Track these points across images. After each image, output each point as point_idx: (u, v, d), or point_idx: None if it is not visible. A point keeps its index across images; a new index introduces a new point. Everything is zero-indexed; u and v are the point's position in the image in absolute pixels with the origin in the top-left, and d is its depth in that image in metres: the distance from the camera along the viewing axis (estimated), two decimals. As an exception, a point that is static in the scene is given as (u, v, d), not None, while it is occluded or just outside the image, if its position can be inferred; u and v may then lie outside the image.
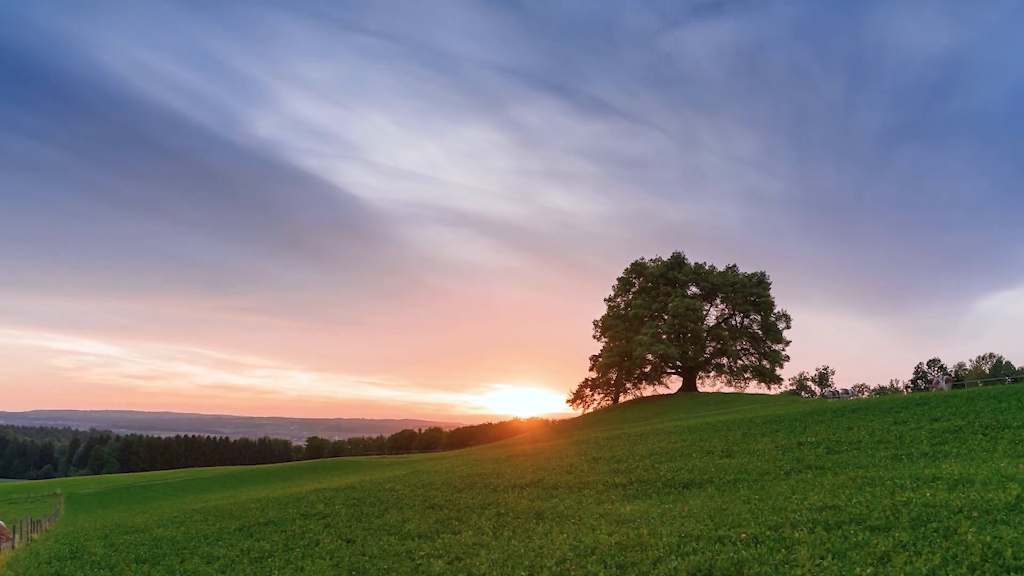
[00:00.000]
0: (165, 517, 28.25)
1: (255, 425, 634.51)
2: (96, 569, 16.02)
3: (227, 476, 73.94)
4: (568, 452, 29.41)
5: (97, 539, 22.84)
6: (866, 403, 32.04)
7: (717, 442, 24.83)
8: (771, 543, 9.23)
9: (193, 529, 21.58)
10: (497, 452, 44.86)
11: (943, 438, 18.78)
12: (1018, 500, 9.67)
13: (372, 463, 69.85)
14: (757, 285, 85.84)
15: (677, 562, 8.89)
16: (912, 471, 14.20)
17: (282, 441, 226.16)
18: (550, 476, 21.51)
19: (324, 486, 33.95)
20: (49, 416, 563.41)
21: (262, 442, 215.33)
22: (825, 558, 8.09)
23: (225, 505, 30.11)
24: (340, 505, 21.80)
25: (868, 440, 20.31)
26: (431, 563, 11.62)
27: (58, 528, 32.65)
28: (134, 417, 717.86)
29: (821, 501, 11.83)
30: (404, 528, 15.97)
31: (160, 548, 18.24)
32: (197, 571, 14.04)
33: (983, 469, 13.08)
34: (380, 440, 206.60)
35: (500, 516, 15.90)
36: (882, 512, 10.13)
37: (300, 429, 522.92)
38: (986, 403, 24.08)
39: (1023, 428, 18.34)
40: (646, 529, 11.40)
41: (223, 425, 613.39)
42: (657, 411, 66.12)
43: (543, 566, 9.90)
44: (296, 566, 13.27)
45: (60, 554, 19.83)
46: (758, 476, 17.13)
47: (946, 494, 10.85)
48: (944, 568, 7.00)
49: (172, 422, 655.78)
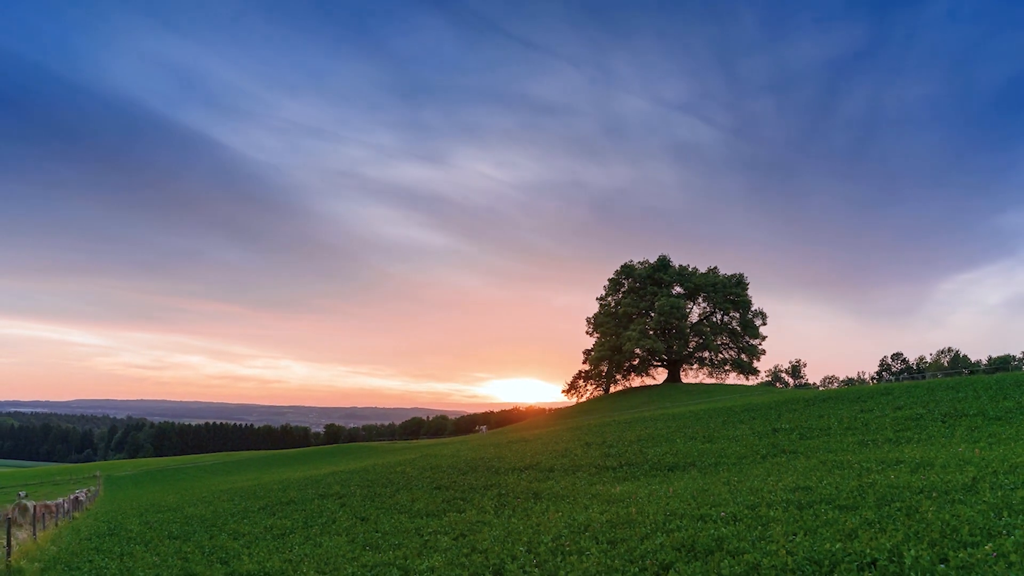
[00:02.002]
0: (195, 497, 28.25)
1: (277, 413, 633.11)
2: (132, 544, 16.02)
3: (252, 460, 73.92)
4: (563, 438, 29.39)
5: (133, 517, 22.85)
6: (835, 393, 32.03)
7: (699, 429, 24.82)
8: (748, 521, 9.23)
9: (221, 508, 21.59)
10: (498, 438, 44.83)
11: (905, 425, 18.80)
12: (974, 481, 9.67)
13: (384, 448, 69.80)
14: (736, 285, 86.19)
15: (663, 538, 8.89)
16: (877, 455, 14.21)
17: (302, 428, 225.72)
18: (547, 460, 21.51)
19: (340, 469, 33.94)
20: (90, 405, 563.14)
21: (284, 429, 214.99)
22: (798, 535, 8.09)
23: (250, 486, 30.11)
24: (355, 486, 21.80)
25: (837, 427, 20.32)
26: (438, 539, 11.63)
27: (98, 507, 32.65)
28: (167, 406, 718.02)
29: (794, 482, 11.83)
30: (413, 507, 15.97)
31: (191, 525, 18.25)
32: (225, 546, 14.05)
33: (942, 453, 13.08)
34: (391, 427, 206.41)
35: (501, 496, 15.90)
36: (850, 492, 10.13)
37: (318, 417, 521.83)
38: (945, 393, 24.08)
39: (978, 416, 18.35)
40: (634, 508, 11.40)
41: (248, 413, 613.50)
42: (644, 400, 66.08)
43: (540, 542, 9.90)
44: (315, 542, 13.28)
45: (99, 531, 19.84)
46: (737, 460, 17.14)
47: (908, 476, 10.86)
48: (906, 544, 6.99)
49: (200, 410, 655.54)
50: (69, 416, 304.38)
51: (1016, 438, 14.24)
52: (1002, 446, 13.27)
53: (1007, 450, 12.51)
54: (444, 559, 9.86)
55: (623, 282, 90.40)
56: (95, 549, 16.03)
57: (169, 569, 12.33)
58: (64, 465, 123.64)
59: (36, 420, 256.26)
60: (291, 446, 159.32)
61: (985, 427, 16.59)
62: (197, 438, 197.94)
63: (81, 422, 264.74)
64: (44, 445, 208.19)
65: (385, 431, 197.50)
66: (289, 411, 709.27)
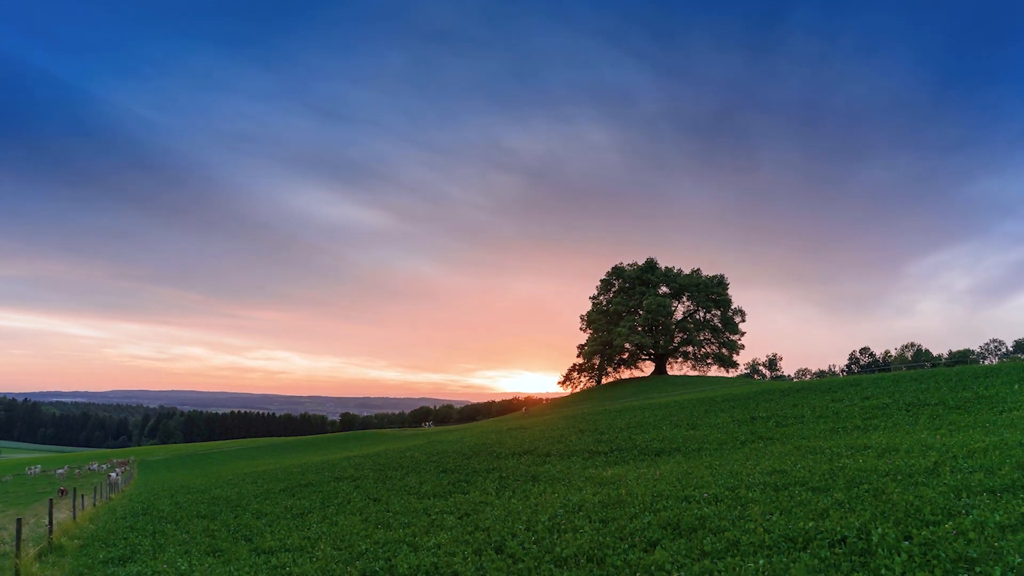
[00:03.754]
0: (221, 480, 28.24)
1: (297, 403, 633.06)
2: (164, 523, 16.02)
3: (273, 445, 73.89)
4: (558, 425, 29.38)
5: (165, 498, 22.84)
6: (808, 384, 32.02)
7: (683, 417, 24.81)
8: (729, 501, 9.24)
9: (245, 490, 21.57)
10: (499, 425, 44.83)
11: (873, 414, 18.77)
12: (936, 465, 9.67)
13: (394, 435, 69.78)
14: (717, 286, 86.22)
15: (651, 517, 8.89)
16: (847, 441, 14.20)
17: (319, 416, 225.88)
18: (544, 445, 21.50)
19: (354, 454, 33.94)
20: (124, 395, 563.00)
21: (303, 417, 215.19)
22: (774, 514, 8.09)
23: (271, 470, 30.10)
24: (368, 470, 21.79)
25: (810, 415, 20.31)
26: (444, 518, 11.62)
27: (132, 489, 32.64)
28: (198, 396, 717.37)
29: (771, 466, 11.83)
30: (421, 489, 15.96)
31: (217, 505, 18.24)
32: (248, 525, 14.04)
33: (906, 439, 13.08)
34: (401, 415, 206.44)
35: (502, 479, 15.90)
36: (822, 475, 10.13)
37: (335, 406, 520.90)
38: (908, 384, 24.07)
39: (940, 405, 18.34)
40: (624, 490, 11.40)
41: (270, 403, 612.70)
42: (633, 391, 66.06)
43: (538, 520, 9.90)
44: (331, 520, 13.27)
45: (134, 511, 19.83)
46: (718, 445, 17.13)
47: (875, 460, 10.86)
48: (873, 522, 7.00)
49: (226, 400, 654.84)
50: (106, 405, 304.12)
51: (974, 426, 14.23)
52: (961, 433, 13.26)
53: (966, 437, 12.51)
54: (450, 536, 9.85)
55: (614, 283, 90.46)
56: (129, 527, 16.02)
57: (197, 545, 12.33)
58: (101, 450, 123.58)
59: (76, 409, 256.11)
60: (309, 433, 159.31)
61: (946, 416, 16.58)
62: (223, 425, 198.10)
63: (117, 411, 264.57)
64: (83, 432, 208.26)
65: (395, 419, 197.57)
66: (307, 400, 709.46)
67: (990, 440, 11.52)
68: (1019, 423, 13.48)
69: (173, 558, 11.35)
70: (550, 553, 7.93)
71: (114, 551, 12.81)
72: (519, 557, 8.01)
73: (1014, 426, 13.18)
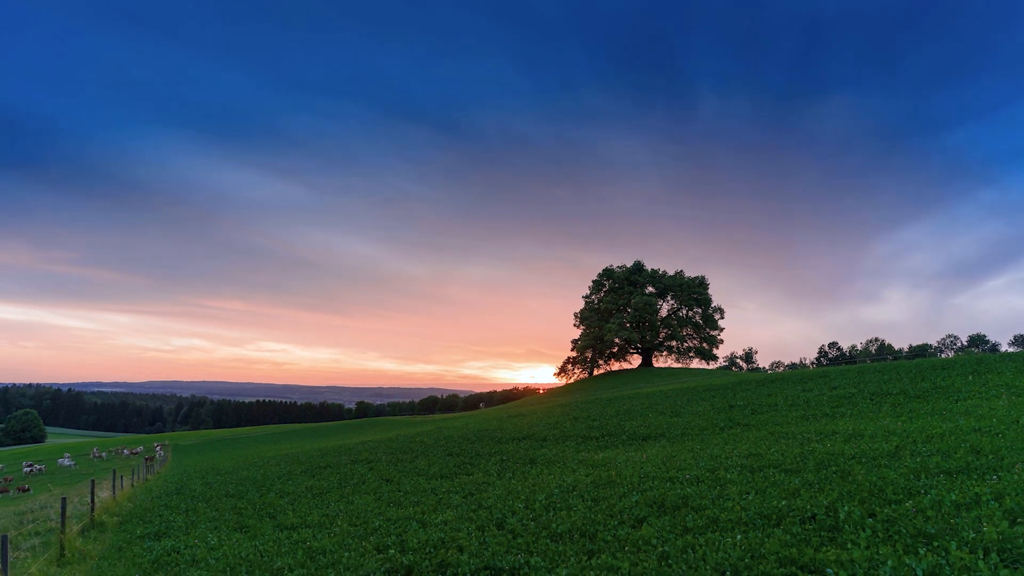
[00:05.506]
0: (248, 462, 28.23)
1: (316, 392, 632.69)
2: (195, 501, 16.01)
3: (295, 431, 73.88)
4: (554, 413, 29.38)
5: (196, 479, 22.83)
6: (781, 375, 32.00)
7: (668, 405, 24.80)
8: (709, 482, 9.24)
9: (269, 471, 21.57)
10: (500, 413, 44.81)
11: (840, 402, 18.77)
12: (897, 449, 9.67)
13: (405, 421, 69.77)
14: (699, 286, 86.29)
15: (638, 496, 8.89)
16: (816, 427, 14.20)
17: (337, 404, 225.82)
18: (541, 431, 21.49)
19: (369, 439, 33.94)
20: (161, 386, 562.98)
21: (322, 405, 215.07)
22: (750, 494, 8.10)
23: (293, 453, 30.10)
24: (381, 453, 21.78)
25: (783, 403, 20.30)
26: (450, 497, 11.62)
27: (167, 471, 32.64)
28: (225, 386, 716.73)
29: (747, 450, 11.83)
30: (430, 470, 15.95)
31: (244, 486, 18.23)
32: (272, 503, 14.04)
33: (870, 426, 13.08)
34: (412, 404, 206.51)
35: (503, 462, 15.89)
36: (793, 458, 10.13)
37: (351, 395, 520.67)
38: (872, 376, 24.07)
39: (901, 395, 18.34)
40: (614, 471, 11.40)
41: (292, 393, 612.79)
42: (622, 382, 66.06)
43: (536, 499, 9.89)
44: (348, 499, 13.26)
45: (168, 490, 19.83)
46: (699, 431, 17.12)
47: (842, 445, 10.86)
48: (840, 501, 7.00)
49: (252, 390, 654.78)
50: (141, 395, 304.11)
51: (932, 413, 14.23)
52: (920, 420, 13.27)
53: (924, 423, 12.51)
54: (455, 514, 9.85)
55: (604, 283, 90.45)
56: (164, 506, 16.03)
57: (226, 522, 12.32)
58: (138, 436, 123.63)
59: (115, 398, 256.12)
60: (328, 420, 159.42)
61: (906, 404, 16.58)
62: (249, 413, 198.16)
63: (152, 400, 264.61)
64: (122, 419, 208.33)
65: (406, 407, 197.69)
66: (325, 390, 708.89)
67: (946, 426, 11.52)
68: (972, 411, 13.49)
69: (204, 534, 11.35)
70: (546, 529, 7.93)
71: (150, 527, 12.81)
72: (518, 532, 8.02)
73: (968, 414, 13.18)
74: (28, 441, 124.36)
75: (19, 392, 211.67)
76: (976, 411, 13.35)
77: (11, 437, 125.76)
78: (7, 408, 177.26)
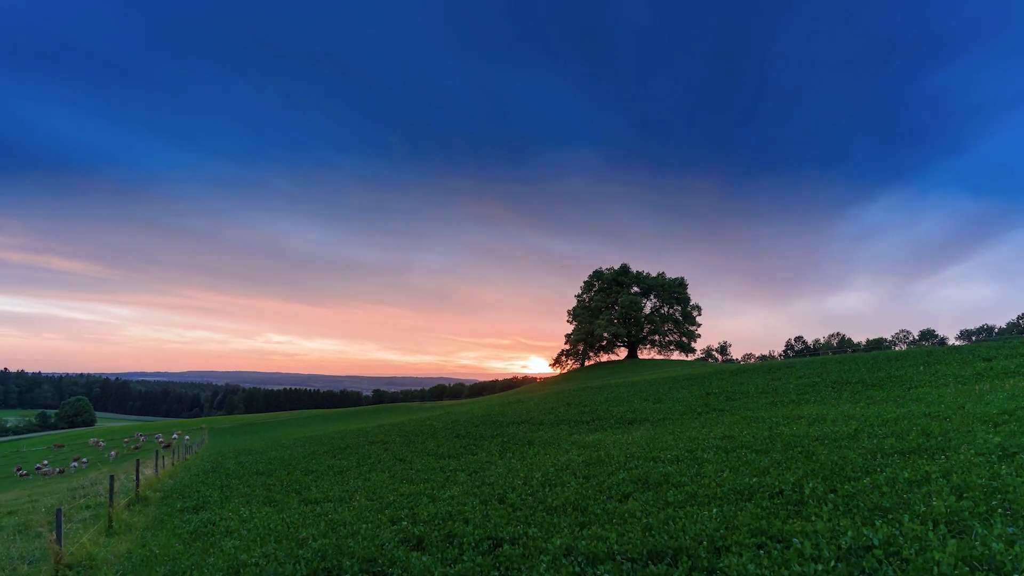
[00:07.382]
0: (276, 444, 28.23)
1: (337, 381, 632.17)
2: (229, 479, 16.01)
3: (319, 416, 73.85)
4: (549, 400, 29.37)
5: (230, 458, 22.83)
6: (752, 366, 31.98)
7: (651, 393, 24.79)
8: (688, 461, 9.24)
9: (295, 452, 21.56)
10: (502, 399, 44.79)
11: (805, 390, 18.78)
12: (856, 432, 9.67)
13: (417, 407, 69.75)
14: (679, 286, 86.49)
15: (625, 474, 8.89)
16: (784, 412, 14.20)
17: (355, 392, 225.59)
18: (537, 416, 21.49)
19: (384, 423, 33.92)
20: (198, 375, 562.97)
21: (342, 392, 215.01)
22: (724, 471, 8.09)
23: (317, 435, 30.09)
24: (395, 435, 21.78)
25: (754, 391, 20.30)
26: (457, 475, 11.62)
27: (204, 451, 32.63)
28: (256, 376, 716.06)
29: (722, 432, 11.83)
30: (438, 451, 15.95)
31: (273, 464, 18.23)
32: (298, 480, 14.04)
33: (832, 411, 13.08)
34: (422, 391, 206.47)
35: (504, 443, 15.89)
36: (763, 440, 10.13)
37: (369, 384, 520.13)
38: (834, 366, 24.06)
39: (859, 383, 18.34)
40: (603, 452, 11.40)
41: (315, 381, 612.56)
42: (610, 372, 66.02)
43: (533, 476, 9.89)
44: (365, 477, 13.26)
45: (205, 468, 19.82)
46: (679, 416, 17.12)
47: (807, 428, 10.86)
48: (805, 478, 7.00)
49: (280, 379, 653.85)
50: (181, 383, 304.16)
51: (887, 400, 14.22)
52: (876, 406, 13.26)
53: (880, 409, 12.50)
54: (462, 489, 9.85)
55: (594, 283, 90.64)
56: (202, 482, 16.03)
57: (256, 497, 12.32)
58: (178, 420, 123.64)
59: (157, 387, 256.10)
60: (347, 406, 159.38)
61: (864, 392, 16.58)
62: (278, 400, 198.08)
63: (191, 388, 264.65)
64: (163, 405, 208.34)
65: (417, 395, 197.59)
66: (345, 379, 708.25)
67: (900, 412, 11.52)
68: (923, 398, 13.48)
69: (237, 507, 11.35)
70: (543, 503, 7.93)
71: (189, 501, 12.81)
72: (517, 506, 8.01)
73: (919, 400, 13.18)
74: (80, 425, 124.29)
75: (72, 381, 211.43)
76: (926, 398, 13.34)
77: (65, 421, 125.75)
78: (61, 395, 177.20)
